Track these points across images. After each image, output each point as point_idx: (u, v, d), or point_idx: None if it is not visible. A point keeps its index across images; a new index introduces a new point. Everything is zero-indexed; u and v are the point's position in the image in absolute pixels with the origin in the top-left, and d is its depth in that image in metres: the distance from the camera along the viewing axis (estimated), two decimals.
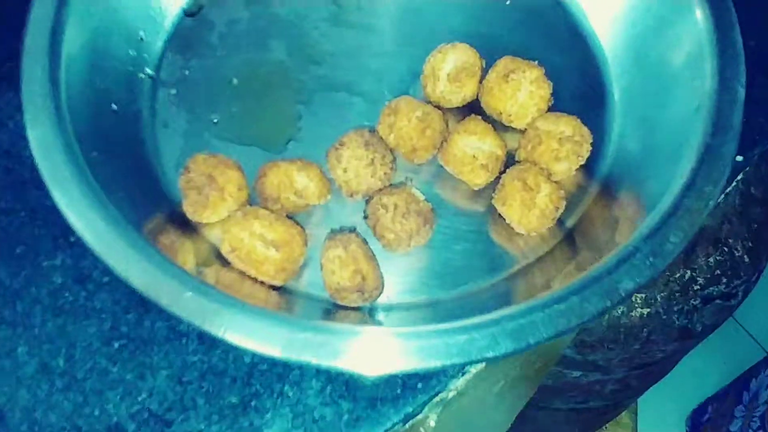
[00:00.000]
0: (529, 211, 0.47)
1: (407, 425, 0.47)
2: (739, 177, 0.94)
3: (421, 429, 0.59)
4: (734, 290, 0.96)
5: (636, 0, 0.54)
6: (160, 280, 0.40)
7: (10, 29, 0.48)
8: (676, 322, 0.94)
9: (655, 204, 0.44)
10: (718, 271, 0.93)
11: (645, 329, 0.92)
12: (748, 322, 1.52)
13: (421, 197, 0.48)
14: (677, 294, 0.92)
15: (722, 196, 0.93)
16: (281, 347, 0.39)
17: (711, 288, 0.93)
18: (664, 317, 0.91)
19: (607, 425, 1.40)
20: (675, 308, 0.91)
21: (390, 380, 0.46)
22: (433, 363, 0.39)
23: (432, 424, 0.57)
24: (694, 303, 0.94)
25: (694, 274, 0.92)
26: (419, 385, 0.45)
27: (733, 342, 1.50)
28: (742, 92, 0.46)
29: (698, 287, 0.92)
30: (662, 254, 0.41)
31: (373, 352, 0.39)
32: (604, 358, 0.95)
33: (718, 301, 0.96)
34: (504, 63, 0.51)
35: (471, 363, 0.39)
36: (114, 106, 0.50)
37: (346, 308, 0.46)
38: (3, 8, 0.52)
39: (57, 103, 0.45)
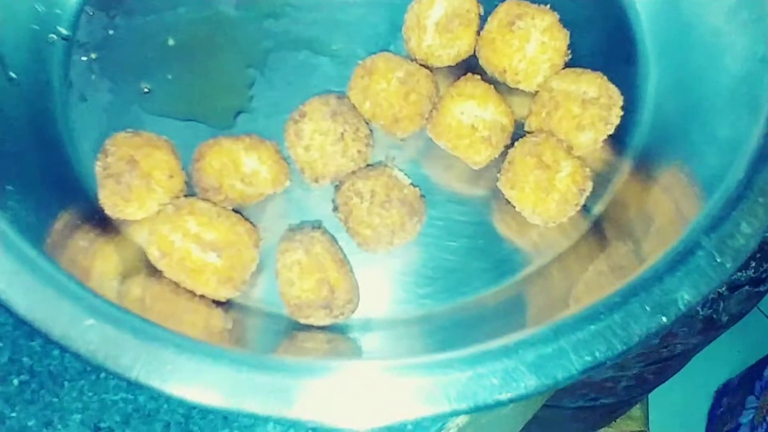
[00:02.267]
0: (547, 196, 0.37)
1: None
2: None
3: None
4: (764, 274, 0.90)
5: None
6: (51, 303, 0.30)
7: None
8: (701, 313, 0.88)
9: (715, 185, 0.34)
10: (749, 258, 0.87)
11: None
12: None
13: (407, 181, 0.38)
14: None
15: None
16: (221, 394, 0.29)
17: (738, 273, 0.87)
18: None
19: (617, 420, 1.36)
20: None
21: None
22: (425, 411, 0.29)
23: None
24: (720, 290, 0.88)
25: None
26: (409, 428, 0.35)
27: (753, 329, 1.45)
28: None
29: None
30: (732, 251, 0.31)
31: (343, 397, 0.29)
32: None
33: (746, 287, 0.91)
34: (507, 7, 0.41)
35: (478, 410, 0.29)
36: (12, 74, 0.40)
37: (310, 328, 0.35)
38: None
39: None
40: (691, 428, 1.28)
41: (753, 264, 0.85)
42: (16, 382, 0.36)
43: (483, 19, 0.42)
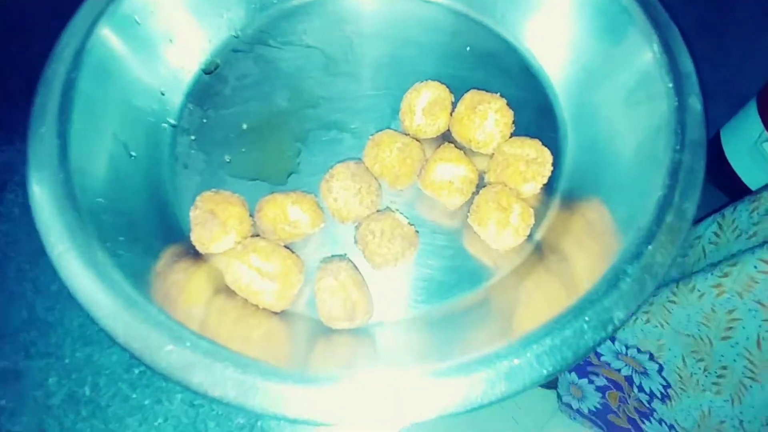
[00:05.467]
0: (504, 230, 0.27)
1: None
2: None
3: None
4: None
5: (579, 39, 0.33)
6: (143, 334, 0.21)
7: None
8: None
9: (629, 224, 0.24)
10: None
11: None
12: None
13: (405, 222, 0.28)
14: None
15: None
16: (243, 398, 0.20)
17: None
18: None
19: None
20: None
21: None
22: (428, 414, 0.20)
23: None
24: None
25: None
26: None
27: None
28: (701, 110, 0.26)
29: None
30: (651, 276, 0.22)
31: (366, 411, 0.21)
32: None
33: None
34: (471, 96, 0.31)
35: (473, 410, 0.21)
36: (133, 154, 0.30)
37: (339, 331, 0.26)
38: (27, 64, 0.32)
39: (62, 153, 0.26)
40: None
41: None
42: (136, 371, 0.27)
43: (454, 105, 0.32)
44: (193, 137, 0.34)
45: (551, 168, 0.30)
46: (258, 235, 0.28)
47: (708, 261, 0.55)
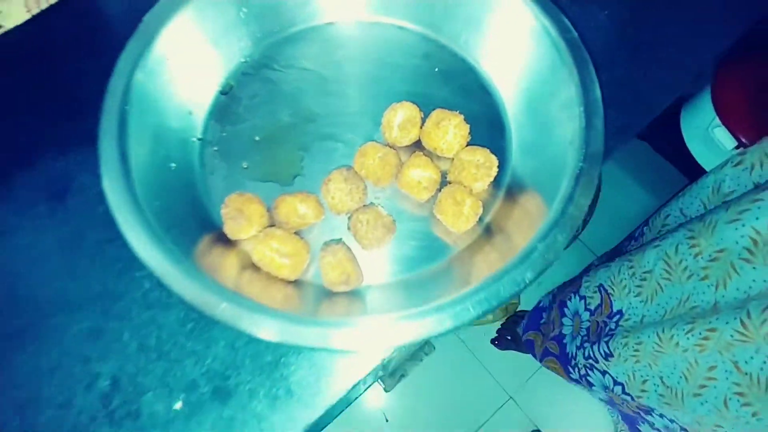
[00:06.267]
0: (458, 218, 0.37)
1: (388, 370, 0.37)
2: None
3: None
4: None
5: (523, 69, 0.42)
6: (199, 292, 0.31)
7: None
8: None
9: (547, 210, 0.34)
10: None
11: None
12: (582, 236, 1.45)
13: (385, 213, 0.38)
14: None
15: None
16: (292, 337, 0.30)
17: None
18: None
19: None
20: None
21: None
22: (399, 341, 0.30)
23: None
24: None
25: None
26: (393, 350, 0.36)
27: (575, 253, 1.43)
28: (602, 131, 0.36)
29: None
30: (553, 251, 0.32)
31: (359, 338, 0.31)
32: None
33: None
34: (436, 114, 0.40)
35: (424, 339, 0.30)
36: (172, 165, 0.39)
37: (338, 293, 0.36)
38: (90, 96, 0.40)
39: (124, 168, 0.35)
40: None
41: None
42: (189, 326, 0.36)
43: (423, 120, 0.41)
44: (215, 148, 0.42)
45: (497, 170, 0.39)
46: (274, 226, 0.38)
47: (668, 295, 0.62)
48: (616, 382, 0.71)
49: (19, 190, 0.42)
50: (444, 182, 0.40)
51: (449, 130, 0.39)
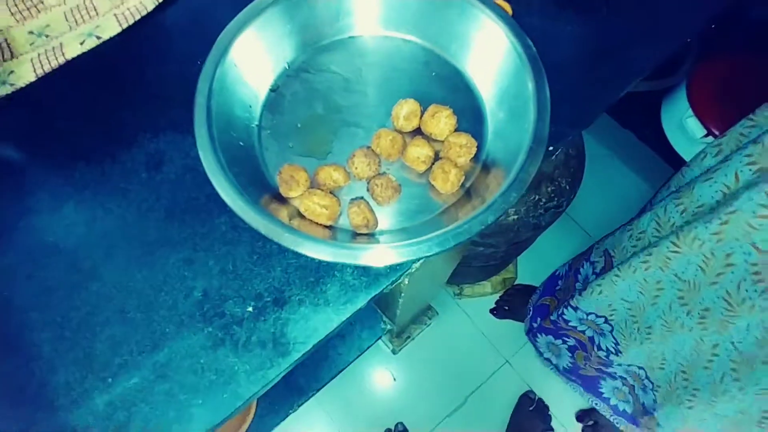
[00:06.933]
0: (446, 183, 0.51)
1: (394, 285, 0.52)
2: (561, 147, 0.97)
3: (401, 285, 0.64)
4: (561, 204, 1.00)
5: (497, 74, 0.56)
6: (271, 227, 0.45)
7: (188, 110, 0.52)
8: (532, 221, 0.99)
9: (506, 177, 0.48)
10: (553, 195, 0.98)
11: (515, 225, 0.97)
12: (577, 217, 1.58)
13: (394, 179, 0.51)
14: (531, 207, 0.97)
15: (554, 156, 0.96)
16: (331, 256, 0.45)
17: (548, 203, 0.98)
18: (525, 218, 0.97)
19: (501, 272, 1.46)
20: (530, 214, 0.97)
21: (385, 268, 0.50)
22: (403, 259, 0.45)
23: (406, 282, 0.63)
24: (540, 211, 0.99)
25: (539, 196, 0.97)
26: (398, 268, 0.50)
27: (567, 229, 1.56)
28: (548, 122, 0.49)
29: (542, 203, 0.97)
30: (507, 202, 0.46)
31: (376, 256, 0.45)
32: (495, 241, 1.01)
33: (552, 210, 1.00)
34: (432, 108, 0.54)
35: (420, 259, 0.44)
36: (241, 143, 0.53)
37: (361, 234, 0.50)
38: (184, 98, 0.55)
39: (213, 145, 0.49)
40: (538, 279, 1.28)
41: (555, 199, 0.97)
42: (255, 257, 0.50)
43: (422, 113, 0.54)
44: (269, 132, 0.57)
45: (476, 150, 0.53)
46: (314, 187, 0.53)
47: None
48: (587, 313, 0.86)
49: (125, 163, 0.57)
50: (437, 158, 0.54)
51: (441, 120, 0.52)
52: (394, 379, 1.42)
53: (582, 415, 1.33)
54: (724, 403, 0.67)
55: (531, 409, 1.33)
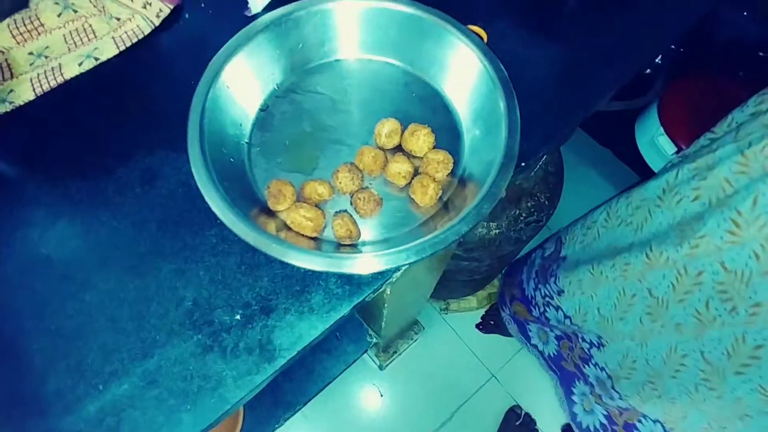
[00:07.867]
0: (425, 197, 0.54)
1: (376, 293, 0.53)
2: (540, 161, 1.02)
3: (384, 295, 0.68)
4: (541, 218, 1.04)
5: (472, 95, 0.60)
6: (259, 238, 0.48)
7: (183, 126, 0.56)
8: (513, 235, 1.03)
9: (480, 191, 0.51)
10: (533, 209, 1.02)
11: (497, 239, 1.01)
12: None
13: (376, 193, 0.54)
14: (512, 221, 1.01)
15: (532, 172, 1.01)
16: (316, 265, 0.48)
17: (529, 218, 1.02)
18: (507, 233, 1.00)
19: (486, 287, 1.49)
20: (512, 228, 1.01)
21: (368, 276, 0.52)
22: (383, 267, 0.48)
23: (388, 291, 0.66)
24: (521, 225, 1.03)
25: (520, 211, 1.01)
26: (379, 277, 0.52)
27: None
28: (518, 139, 0.53)
29: (523, 217, 1.01)
30: (480, 214, 0.49)
31: (358, 265, 0.48)
32: (478, 254, 1.04)
33: (533, 224, 1.04)
34: (412, 126, 0.57)
35: (400, 267, 0.48)
36: (231, 159, 0.56)
37: (345, 245, 0.53)
38: (177, 114, 0.59)
39: (205, 161, 0.52)
40: None
41: (535, 214, 1.01)
42: (243, 268, 0.53)
43: (403, 130, 0.57)
44: (258, 149, 0.60)
45: (453, 165, 0.57)
46: (301, 201, 0.56)
47: (602, 240, 0.85)
48: (566, 316, 0.90)
49: (120, 177, 0.60)
50: (416, 173, 0.57)
51: (420, 138, 0.56)
52: (381, 395, 1.43)
53: (568, 429, 1.35)
54: (707, 406, 0.70)
55: (518, 423, 1.35)
